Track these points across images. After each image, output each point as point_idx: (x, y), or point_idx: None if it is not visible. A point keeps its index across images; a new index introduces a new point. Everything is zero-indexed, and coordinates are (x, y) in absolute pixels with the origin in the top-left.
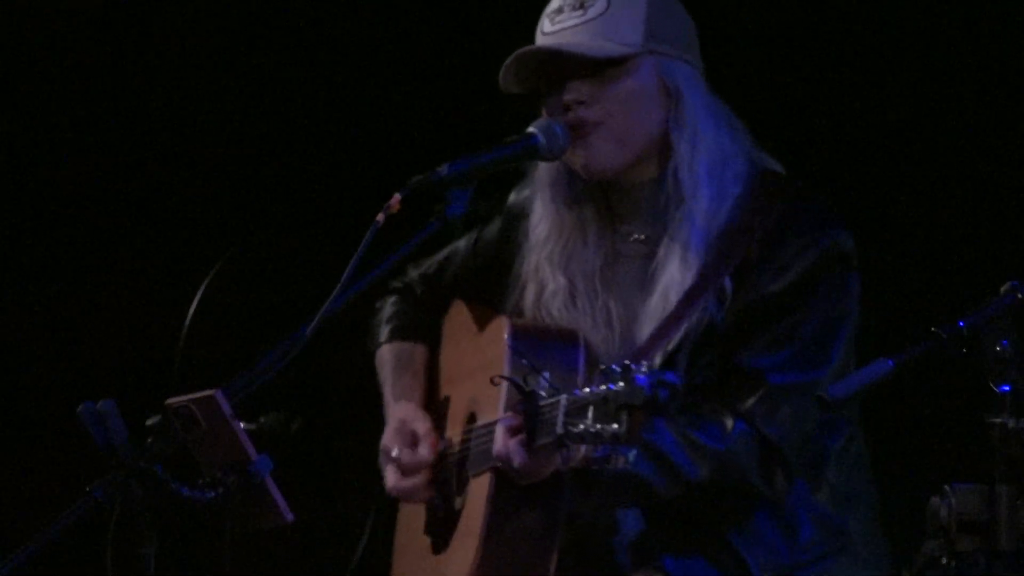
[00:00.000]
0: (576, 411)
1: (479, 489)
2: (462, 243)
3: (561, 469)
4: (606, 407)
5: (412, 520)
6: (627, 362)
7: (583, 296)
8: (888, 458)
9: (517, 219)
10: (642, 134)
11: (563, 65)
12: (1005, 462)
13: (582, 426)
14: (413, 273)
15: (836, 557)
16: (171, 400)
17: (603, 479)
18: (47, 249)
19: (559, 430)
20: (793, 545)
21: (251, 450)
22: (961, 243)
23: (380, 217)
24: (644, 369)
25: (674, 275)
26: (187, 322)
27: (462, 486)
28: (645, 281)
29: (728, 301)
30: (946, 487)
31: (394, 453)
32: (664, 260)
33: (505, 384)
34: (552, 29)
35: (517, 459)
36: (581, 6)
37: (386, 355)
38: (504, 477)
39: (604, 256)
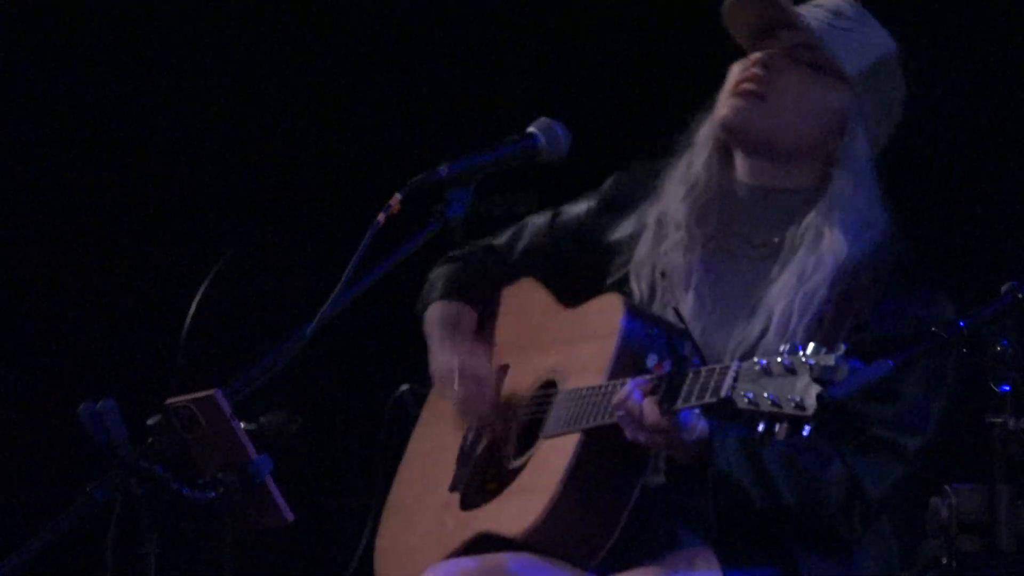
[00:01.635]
0: (751, 377)
1: (559, 449)
2: (537, 219)
3: (686, 440)
4: (792, 379)
5: (422, 476)
6: (815, 344)
7: (693, 273)
8: None
9: (627, 198)
10: (791, 139)
11: (781, 29)
12: (1005, 462)
13: (752, 393)
14: (480, 243)
15: None
16: (171, 400)
17: (709, 472)
18: (47, 249)
19: (724, 394)
20: (849, 561)
21: (251, 450)
22: (961, 243)
23: (380, 217)
24: (841, 352)
25: (784, 293)
26: (187, 322)
27: (524, 448)
28: (749, 287)
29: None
30: (946, 487)
31: (457, 362)
32: (778, 276)
33: (614, 351)
34: None
35: (651, 416)
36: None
37: (435, 312)
38: (593, 442)
39: (716, 244)
